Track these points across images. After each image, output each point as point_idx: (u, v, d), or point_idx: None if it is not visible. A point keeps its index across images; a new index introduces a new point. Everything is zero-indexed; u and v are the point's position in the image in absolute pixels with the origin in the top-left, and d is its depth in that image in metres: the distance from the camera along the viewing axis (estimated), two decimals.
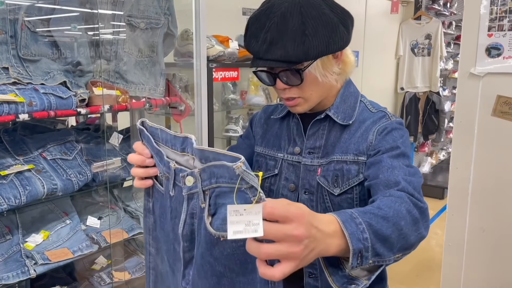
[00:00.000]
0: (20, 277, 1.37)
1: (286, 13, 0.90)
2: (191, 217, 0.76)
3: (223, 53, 2.01)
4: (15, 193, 1.36)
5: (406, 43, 4.95)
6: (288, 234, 0.57)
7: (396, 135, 0.99)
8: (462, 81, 2.13)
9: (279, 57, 0.91)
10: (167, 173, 0.80)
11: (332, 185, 1.00)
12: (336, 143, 1.03)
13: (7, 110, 1.29)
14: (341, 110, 1.05)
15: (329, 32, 0.92)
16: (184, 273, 0.80)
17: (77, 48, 1.65)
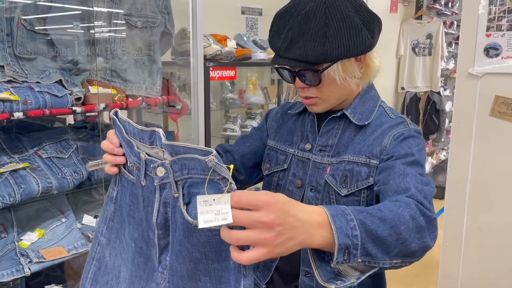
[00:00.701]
0: (14, 275, 1.37)
1: (309, 13, 0.90)
2: (165, 206, 0.77)
3: (220, 52, 2.01)
4: (9, 191, 1.36)
5: (407, 43, 4.94)
6: (257, 220, 0.58)
7: (412, 142, 0.97)
8: (461, 81, 2.12)
9: (297, 57, 0.91)
10: (138, 163, 0.81)
11: (340, 185, 0.98)
12: (349, 143, 1.02)
13: (1, 108, 1.30)
14: (359, 111, 1.04)
15: (351, 35, 0.91)
16: (160, 259, 0.81)
17: (73, 47, 1.65)
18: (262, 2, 2.96)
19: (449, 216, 2.21)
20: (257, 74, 2.70)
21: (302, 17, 0.90)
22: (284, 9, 0.95)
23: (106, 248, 0.92)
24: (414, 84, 4.99)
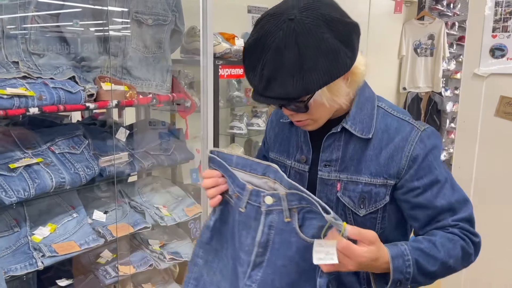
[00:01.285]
0: (28, 268, 1.39)
1: (280, 45, 0.81)
2: (269, 229, 0.92)
3: (230, 50, 2.02)
4: (24, 186, 1.38)
5: (409, 43, 4.96)
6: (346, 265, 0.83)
7: (431, 160, 0.94)
8: (466, 81, 2.14)
9: (279, 95, 0.84)
10: (239, 193, 0.96)
11: (358, 206, 0.98)
12: (360, 159, 0.98)
13: (17, 103, 1.31)
14: (358, 120, 0.98)
15: (330, 61, 0.82)
16: (251, 274, 0.94)
17: (85, 44, 1.66)
18: (268, 1, 2.98)
19: None
20: None
21: (274, 51, 0.82)
22: (253, 42, 0.85)
23: (204, 268, 1.07)
24: (416, 85, 5.01)
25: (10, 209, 1.49)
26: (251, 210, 0.93)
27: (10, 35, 1.44)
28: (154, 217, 1.83)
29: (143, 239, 1.91)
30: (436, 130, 0.99)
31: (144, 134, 1.93)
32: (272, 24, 0.83)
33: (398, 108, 1.02)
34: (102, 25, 1.70)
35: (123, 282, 1.77)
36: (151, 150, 1.89)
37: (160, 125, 2.05)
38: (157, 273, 1.93)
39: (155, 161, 1.85)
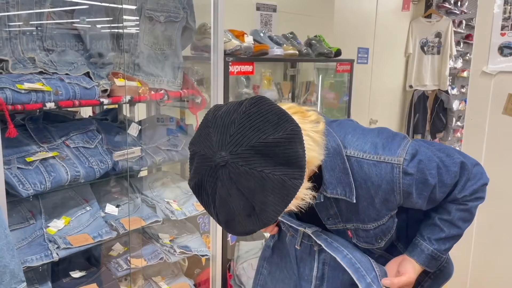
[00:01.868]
0: (43, 260, 1.42)
1: (224, 195, 0.77)
2: (323, 265, 1.09)
3: (240, 47, 2.04)
4: (40, 179, 1.41)
5: (416, 41, 4.95)
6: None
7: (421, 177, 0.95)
8: (474, 79, 2.15)
9: (242, 231, 0.81)
10: (294, 232, 1.14)
11: (377, 243, 1.06)
12: (358, 210, 0.98)
13: (35, 98, 1.34)
14: (336, 183, 0.94)
15: (279, 193, 0.76)
16: None
17: (98, 41, 1.69)
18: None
19: None
20: (271, 70, 2.73)
21: (219, 201, 0.77)
22: (195, 186, 0.81)
23: (268, 276, 1.27)
24: (422, 83, 5.01)
25: (26, 202, 1.52)
26: (305, 247, 1.11)
27: (26, 31, 1.47)
28: (164, 211, 1.86)
29: (153, 233, 1.94)
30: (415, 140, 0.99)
31: (155, 130, 1.96)
32: (205, 170, 0.77)
33: (368, 144, 0.95)
34: (115, 22, 1.73)
35: (135, 275, 1.80)
36: (162, 145, 1.91)
37: (168, 121, 2.08)
38: (166, 266, 1.97)
39: (166, 156, 1.87)
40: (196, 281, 2.10)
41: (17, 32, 1.45)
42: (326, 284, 1.10)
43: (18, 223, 1.48)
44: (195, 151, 0.80)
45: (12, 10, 1.43)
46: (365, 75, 3.96)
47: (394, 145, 0.94)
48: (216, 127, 0.78)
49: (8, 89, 1.28)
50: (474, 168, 1.04)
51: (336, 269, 1.08)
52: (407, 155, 0.93)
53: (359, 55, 3.88)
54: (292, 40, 2.58)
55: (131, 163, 1.72)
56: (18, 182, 1.35)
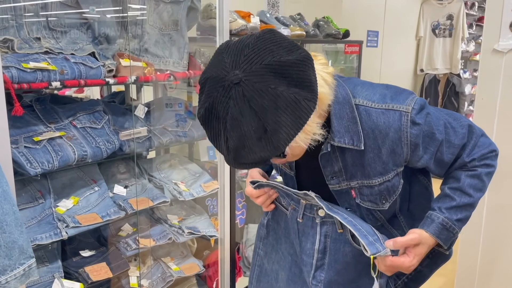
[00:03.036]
0: (52, 238, 1.44)
1: (236, 115, 0.76)
2: (325, 237, 1.07)
3: (245, 27, 2.03)
4: (48, 158, 1.42)
5: (427, 24, 4.87)
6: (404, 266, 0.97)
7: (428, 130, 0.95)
8: (485, 57, 2.11)
9: (252, 160, 0.79)
10: (295, 205, 1.11)
11: (381, 204, 1.02)
12: (363, 163, 0.96)
13: (40, 77, 1.35)
14: (343, 131, 0.93)
15: (292, 114, 0.76)
16: (315, 275, 1.08)
17: (104, 21, 1.69)
18: None
19: None
20: None
21: (231, 121, 0.76)
22: (205, 113, 0.80)
23: (264, 258, 1.25)
24: (434, 66, 4.94)
25: (35, 182, 1.54)
26: (307, 220, 1.08)
27: (31, 12, 1.47)
28: (172, 192, 1.87)
29: (162, 215, 1.96)
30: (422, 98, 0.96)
31: (162, 112, 1.96)
32: (218, 91, 0.77)
33: (377, 95, 0.95)
34: (121, 4, 1.72)
35: (143, 254, 1.82)
36: (169, 126, 1.92)
37: (177, 105, 2.08)
38: (176, 247, 1.98)
39: (173, 137, 1.88)
40: (205, 262, 2.12)
41: (22, 12, 1.45)
42: (328, 257, 1.07)
43: (28, 202, 1.51)
44: (207, 77, 0.80)
45: None
46: (375, 59, 3.91)
47: (403, 97, 0.94)
48: (229, 52, 0.79)
49: (13, 68, 1.28)
50: (481, 138, 1.02)
51: (337, 241, 1.06)
52: (415, 105, 0.93)
53: (368, 38, 3.83)
54: (300, 21, 2.55)
55: (138, 144, 1.73)
56: (26, 161, 1.37)
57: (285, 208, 1.15)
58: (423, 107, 0.94)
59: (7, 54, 1.34)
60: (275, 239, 1.21)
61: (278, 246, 1.21)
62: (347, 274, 1.07)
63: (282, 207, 1.16)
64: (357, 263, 1.06)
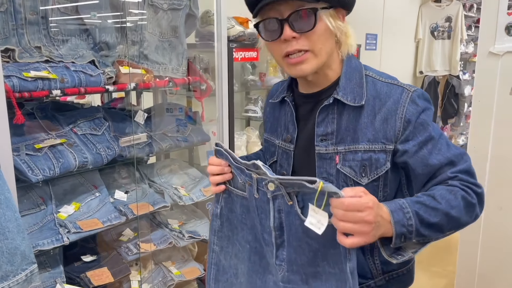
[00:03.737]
0: (54, 243, 1.46)
1: None
2: (279, 213, 0.96)
3: (243, 33, 2.05)
4: (49, 165, 1.45)
5: (426, 26, 4.90)
6: (361, 219, 0.80)
7: (425, 119, 0.95)
8: (481, 60, 2.13)
9: None
10: (250, 181, 1.00)
11: (359, 175, 0.98)
12: (356, 127, 0.97)
13: (41, 86, 1.37)
14: (349, 90, 0.98)
15: None
16: (277, 254, 0.99)
17: (103, 30, 1.72)
18: None
19: None
20: None
21: None
22: None
23: (220, 254, 1.14)
24: (433, 68, 4.96)
25: (37, 188, 1.56)
26: (263, 195, 0.99)
27: (32, 21, 1.50)
28: (173, 196, 1.89)
29: (162, 219, 1.98)
30: (426, 92, 1.00)
31: (162, 117, 1.99)
32: None
33: (386, 74, 1.03)
34: (120, 11, 1.75)
35: (144, 259, 1.84)
36: (169, 132, 1.94)
37: (177, 111, 2.10)
38: (176, 251, 2.00)
39: (172, 143, 1.90)
40: (206, 266, 2.14)
41: (23, 22, 1.48)
42: (286, 233, 0.96)
43: (30, 208, 1.53)
44: None
45: (18, 0, 1.46)
46: (374, 62, 3.94)
47: (411, 85, 1.00)
48: None
49: (15, 77, 1.31)
50: (472, 168, 0.97)
51: (290, 215, 0.94)
52: (419, 90, 0.98)
53: (367, 41, 3.86)
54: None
55: (138, 150, 1.75)
56: (28, 168, 1.39)
57: (242, 190, 1.04)
58: (426, 99, 0.98)
59: (8, 64, 1.36)
60: (230, 230, 1.10)
61: (234, 237, 1.10)
62: (303, 253, 0.95)
63: (237, 190, 1.05)
64: (309, 240, 0.93)
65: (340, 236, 0.82)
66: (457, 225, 0.92)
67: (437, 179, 0.95)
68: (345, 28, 0.98)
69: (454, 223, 0.91)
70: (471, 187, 0.92)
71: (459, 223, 0.92)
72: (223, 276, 1.15)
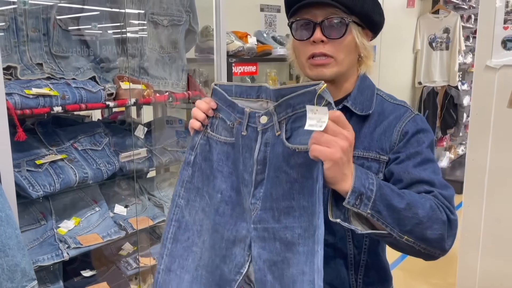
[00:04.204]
0: (54, 259, 1.47)
1: None
2: (265, 146, 0.92)
3: (242, 48, 2.08)
4: (50, 181, 1.46)
5: (424, 37, 4.94)
6: (342, 133, 0.77)
7: (422, 138, 0.97)
8: (478, 74, 2.15)
9: None
10: (240, 118, 0.95)
11: None
12: (356, 136, 0.98)
13: (42, 103, 1.39)
14: (359, 102, 1.03)
15: (376, 3, 1.00)
16: (254, 193, 0.93)
17: (104, 46, 1.74)
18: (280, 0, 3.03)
19: (468, 207, 2.25)
20: (276, 69, 2.76)
21: None
22: None
23: (185, 209, 1.03)
24: (432, 79, 4.99)
25: (37, 203, 1.57)
26: (251, 132, 0.94)
27: (33, 38, 1.52)
28: None
29: (162, 233, 1.98)
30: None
31: (162, 131, 2.00)
32: None
33: (394, 97, 1.07)
34: (120, 27, 1.78)
35: (144, 274, 1.84)
36: (169, 146, 1.95)
37: (177, 123, 2.12)
38: None
39: (172, 157, 1.91)
40: None
41: (24, 39, 1.50)
42: (268, 168, 0.91)
43: (30, 224, 1.53)
44: None
45: (20, 18, 1.48)
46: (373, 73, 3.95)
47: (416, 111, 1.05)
48: None
49: (16, 95, 1.33)
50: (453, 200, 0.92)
51: (275, 146, 0.90)
52: (423, 118, 1.02)
53: None
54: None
55: (138, 164, 1.76)
56: (28, 184, 1.40)
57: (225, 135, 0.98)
58: (428, 127, 1.00)
59: (10, 81, 1.38)
60: (201, 181, 1.02)
61: (205, 188, 1.01)
62: (280, 184, 0.89)
63: (219, 136, 0.99)
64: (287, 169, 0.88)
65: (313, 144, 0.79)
66: (420, 232, 0.83)
67: (412, 189, 0.90)
68: (369, 49, 1.04)
69: (417, 226, 0.82)
70: (445, 208, 0.87)
71: (422, 231, 0.83)
72: (183, 235, 1.03)
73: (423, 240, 0.84)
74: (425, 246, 0.85)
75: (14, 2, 1.46)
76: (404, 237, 0.83)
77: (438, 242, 0.85)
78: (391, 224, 0.81)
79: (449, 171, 5.34)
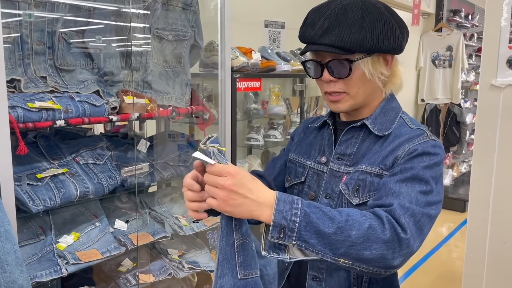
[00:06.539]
0: (52, 275, 1.44)
1: (347, 6, 0.94)
2: None
3: (247, 64, 2.07)
4: (50, 195, 1.44)
5: (427, 55, 4.95)
6: (218, 183, 0.80)
7: (424, 159, 0.94)
8: (483, 93, 2.14)
9: (333, 42, 0.93)
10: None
11: (352, 194, 0.99)
12: (369, 155, 1.01)
13: (45, 116, 1.38)
14: (379, 122, 1.03)
15: (386, 30, 0.95)
16: None
17: (108, 59, 1.73)
18: (284, 16, 3.04)
19: (472, 228, 2.21)
20: (280, 85, 2.76)
21: (340, 9, 0.94)
22: (320, 5, 0.98)
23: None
24: (434, 96, 4.99)
25: (37, 218, 1.55)
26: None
27: (38, 51, 1.52)
28: (173, 226, 1.87)
29: (162, 249, 1.95)
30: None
31: (164, 146, 1.99)
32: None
33: (418, 122, 1.06)
34: (125, 41, 1.77)
35: None
36: (171, 161, 1.94)
37: (180, 137, 2.11)
38: (175, 282, 1.97)
39: (174, 172, 1.89)
40: None
41: (29, 52, 1.50)
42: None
43: (29, 238, 1.51)
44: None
45: (25, 30, 1.48)
46: None
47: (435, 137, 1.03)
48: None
49: (19, 108, 1.31)
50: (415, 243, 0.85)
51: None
52: (439, 142, 1.00)
53: None
54: (300, 56, 2.61)
55: (140, 179, 1.74)
56: (29, 198, 1.38)
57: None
58: (441, 152, 0.97)
59: (13, 94, 1.37)
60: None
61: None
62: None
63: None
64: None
65: (209, 198, 0.83)
66: (356, 254, 0.80)
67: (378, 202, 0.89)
68: (391, 70, 1.02)
69: (351, 248, 0.80)
70: (394, 225, 0.82)
71: (358, 252, 0.80)
72: None
73: (361, 261, 0.81)
74: (366, 266, 0.82)
75: (19, 14, 1.46)
76: (340, 260, 0.81)
77: (379, 262, 0.81)
78: (321, 250, 0.80)
79: (452, 189, 5.31)
